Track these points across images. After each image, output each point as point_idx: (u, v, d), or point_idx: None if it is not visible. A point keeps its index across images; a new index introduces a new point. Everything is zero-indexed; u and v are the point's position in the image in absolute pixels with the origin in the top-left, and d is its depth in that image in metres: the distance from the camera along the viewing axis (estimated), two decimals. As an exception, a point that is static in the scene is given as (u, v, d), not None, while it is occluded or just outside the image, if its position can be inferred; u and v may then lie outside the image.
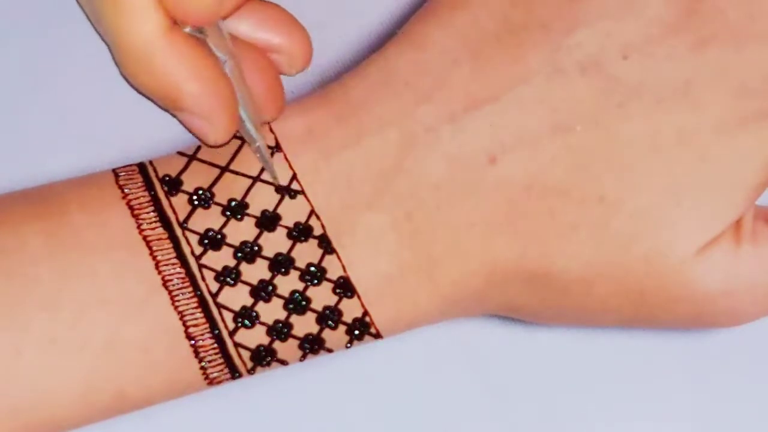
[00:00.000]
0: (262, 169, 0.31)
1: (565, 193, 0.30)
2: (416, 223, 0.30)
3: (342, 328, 0.30)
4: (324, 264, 0.30)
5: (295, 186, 0.30)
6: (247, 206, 0.30)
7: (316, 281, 0.30)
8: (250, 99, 0.30)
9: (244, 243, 0.30)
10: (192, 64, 0.29)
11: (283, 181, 0.30)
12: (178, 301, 0.29)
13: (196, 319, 0.30)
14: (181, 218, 0.30)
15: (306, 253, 0.30)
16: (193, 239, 0.30)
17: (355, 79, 0.32)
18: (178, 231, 0.30)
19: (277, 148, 0.31)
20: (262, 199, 0.30)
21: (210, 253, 0.30)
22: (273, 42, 0.32)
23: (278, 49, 0.32)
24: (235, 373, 0.30)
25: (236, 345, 0.30)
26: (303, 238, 0.30)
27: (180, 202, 0.30)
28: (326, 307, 0.30)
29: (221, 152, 0.31)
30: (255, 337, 0.30)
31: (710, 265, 0.30)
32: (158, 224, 0.30)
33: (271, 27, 0.32)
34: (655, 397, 0.36)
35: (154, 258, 0.30)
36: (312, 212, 0.30)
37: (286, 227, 0.30)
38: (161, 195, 0.30)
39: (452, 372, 0.36)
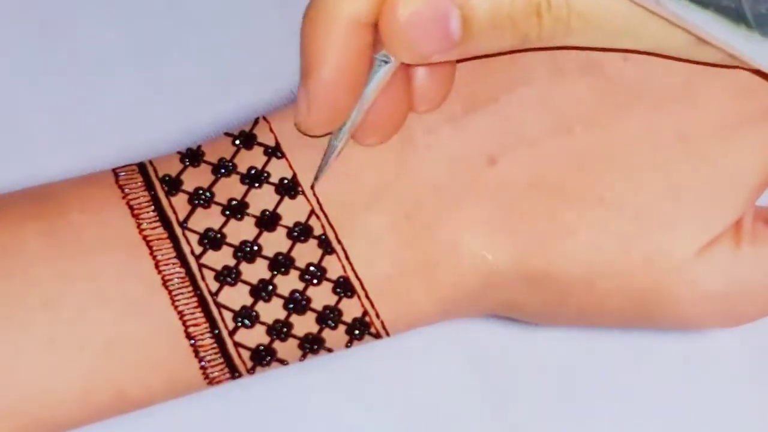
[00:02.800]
0: (263, 168, 0.31)
1: (565, 193, 0.30)
2: (416, 224, 0.30)
3: (342, 328, 0.30)
4: (324, 264, 0.30)
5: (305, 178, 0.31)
6: (247, 206, 0.30)
7: (316, 281, 0.30)
8: (369, 106, 0.30)
9: (244, 243, 0.30)
10: (348, 62, 0.28)
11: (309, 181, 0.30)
12: (178, 300, 0.29)
13: (195, 318, 0.30)
14: (181, 218, 0.30)
15: (306, 252, 0.30)
16: (193, 239, 0.30)
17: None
18: (178, 231, 0.30)
19: (276, 148, 0.31)
20: (262, 199, 0.30)
21: (210, 252, 0.30)
22: (420, 80, 0.31)
23: (418, 86, 0.31)
24: (235, 373, 0.30)
25: (236, 345, 0.30)
26: (303, 238, 0.30)
27: (180, 201, 0.30)
28: (326, 307, 0.30)
29: (221, 152, 0.31)
30: (255, 336, 0.30)
31: (710, 266, 0.30)
32: (158, 224, 0.30)
33: (431, 72, 0.31)
34: (655, 397, 0.36)
35: (154, 258, 0.30)
36: (312, 212, 0.30)
37: (286, 227, 0.30)
38: (161, 195, 0.30)
39: (452, 372, 0.36)
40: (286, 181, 0.31)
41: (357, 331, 0.31)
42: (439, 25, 0.27)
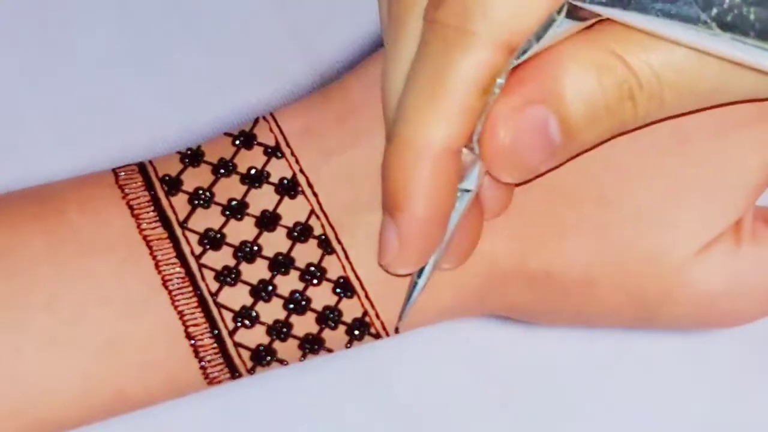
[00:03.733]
0: (263, 168, 0.31)
1: (565, 193, 0.30)
2: (416, 224, 0.30)
3: (342, 328, 0.30)
4: (324, 264, 0.30)
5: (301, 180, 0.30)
6: (247, 206, 0.30)
7: (315, 281, 0.30)
8: (453, 237, 0.29)
9: (244, 243, 0.30)
10: (439, 193, 0.27)
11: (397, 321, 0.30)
12: (178, 300, 0.29)
13: (195, 318, 0.30)
14: (181, 218, 0.30)
15: (306, 253, 0.30)
16: (193, 239, 0.30)
17: (355, 79, 0.32)
18: (178, 231, 0.30)
19: (276, 147, 0.31)
20: (261, 199, 0.30)
21: (210, 252, 0.30)
22: (487, 192, 0.30)
23: (487, 198, 0.30)
24: (234, 373, 0.30)
25: (236, 345, 0.30)
26: (303, 238, 0.30)
27: (180, 201, 0.30)
28: (326, 307, 0.30)
29: (221, 152, 0.31)
30: (255, 336, 0.30)
31: (710, 266, 0.30)
32: (158, 224, 0.30)
33: (497, 186, 0.30)
34: (655, 397, 0.36)
35: (154, 258, 0.30)
36: (312, 212, 0.30)
37: (285, 227, 0.30)
38: (161, 195, 0.30)
39: (452, 372, 0.36)
40: (285, 181, 0.31)
41: (357, 331, 0.31)
42: (539, 135, 0.27)
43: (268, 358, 0.30)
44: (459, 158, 0.27)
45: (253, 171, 0.31)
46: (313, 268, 0.30)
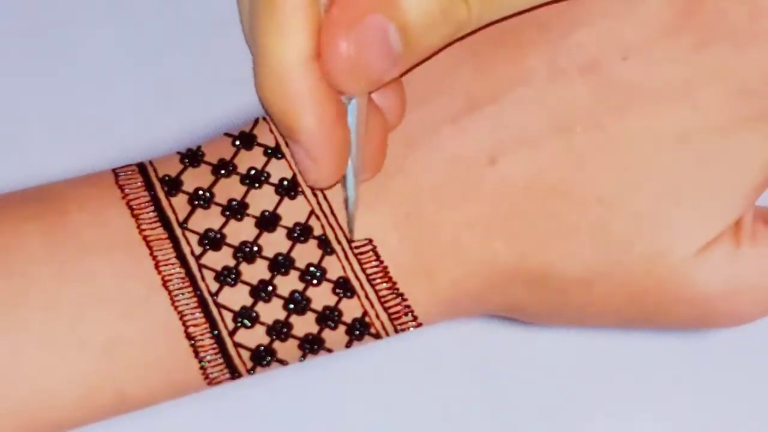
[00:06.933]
0: (263, 168, 0.31)
1: (565, 194, 0.30)
2: (416, 224, 0.30)
3: (342, 328, 0.30)
4: (324, 264, 0.30)
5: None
6: (247, 206, 0.30)
7: (315, 281, 0.30)
8: (361, 147, 0.29)
9: (243, 243, 0.30)
10: (318, 99, 0.28)
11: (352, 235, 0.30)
12: (178, 301, 0.29)
13: (195, 318, 0.30)
14: (181, 218, 0.30)
15: (306, 253, 0.30)
16: (193, 239, 0.30)
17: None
18: (178, 231, 0.30)
19: (276, 148, 0.31)
20: (261, 200, 0.30)
21: (210, 253, 0.30)
22: (382, 104, 0.30)
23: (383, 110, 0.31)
24: (234, 373, 0.30)
25: (236, 345, 0.30)
26: (303, 239, 0.30)
27: (180, 202, 0.30)
28: (326, 307, 0.30)
29: (221, 153, 0.31)
30: (255, 337, 0.30)
31: (710, 266, 0.30)
32: (158, 224, 0.30)
33: (389, 94, 0.30)
34: (655, 397, 0.36)
35: (154, 258, 0.30)
36: (312, 212, 0.30)
37: (285, 227, 0.30)
38: (161, 195, 0.30)
39: (452, 372, 0.36)
40: (286, 182, 0.31)
41: (357, 332, 0.31)
42: (380, 44, 0.27)
43: (268, 358, 0.30)
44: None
45: (253, 171, 0.31)
46: (313, 269, 0.30)
